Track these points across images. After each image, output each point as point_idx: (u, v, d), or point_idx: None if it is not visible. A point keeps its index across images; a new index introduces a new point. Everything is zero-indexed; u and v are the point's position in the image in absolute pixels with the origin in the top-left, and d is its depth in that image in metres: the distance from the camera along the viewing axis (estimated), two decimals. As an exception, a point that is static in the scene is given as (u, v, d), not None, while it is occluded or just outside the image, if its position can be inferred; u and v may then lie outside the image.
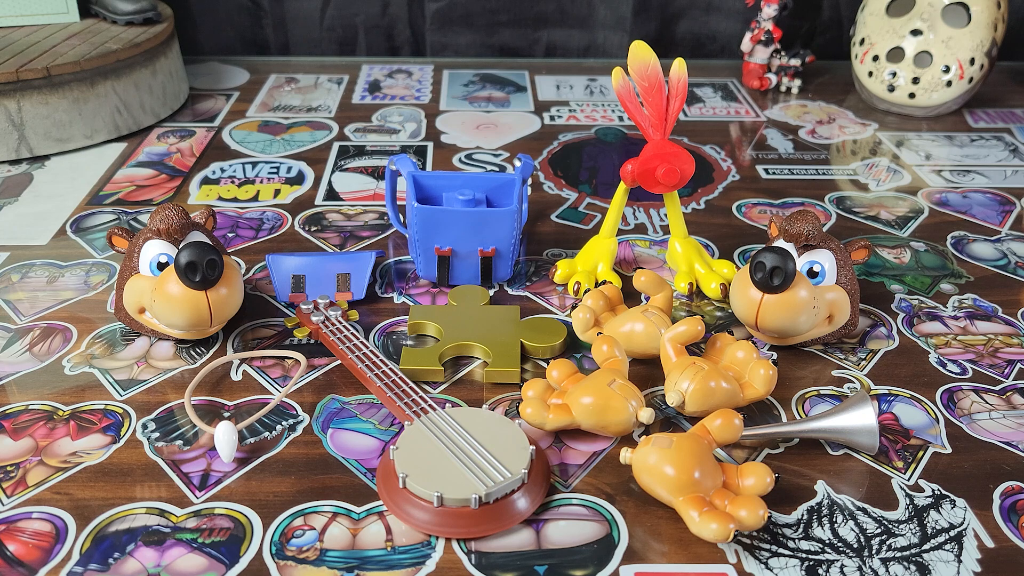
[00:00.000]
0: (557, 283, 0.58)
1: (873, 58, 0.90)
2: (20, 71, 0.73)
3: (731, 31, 1.07)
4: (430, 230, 0.54)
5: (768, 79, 0.96)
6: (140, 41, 0.81)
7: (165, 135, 0.82)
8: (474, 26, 1.07)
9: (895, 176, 0.77)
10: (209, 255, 0.47)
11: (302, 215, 0.67)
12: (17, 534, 0.38)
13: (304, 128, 0.85)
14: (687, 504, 0.38)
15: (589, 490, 0.41)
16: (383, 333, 0.53)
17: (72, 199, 0.69)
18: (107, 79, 0.78)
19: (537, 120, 0.88)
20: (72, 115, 0.76)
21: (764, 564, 0.37)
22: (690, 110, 0.92)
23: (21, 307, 0.55)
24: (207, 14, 1.04)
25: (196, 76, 0.97)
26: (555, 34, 1.08)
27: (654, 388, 0.48)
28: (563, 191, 0.72)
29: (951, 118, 0.90)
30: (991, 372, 0.50)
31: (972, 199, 0.72)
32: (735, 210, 0.70)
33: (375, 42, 1.08)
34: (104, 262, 0.60)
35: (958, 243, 0.65)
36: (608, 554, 0.38)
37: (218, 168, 0.76)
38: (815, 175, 0.77)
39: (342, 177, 0.74)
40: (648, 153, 0.53)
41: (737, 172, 0.77)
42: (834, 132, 0.86)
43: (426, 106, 0.91)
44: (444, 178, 0.58)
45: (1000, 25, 0.88)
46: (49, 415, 0.45)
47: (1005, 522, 0.40)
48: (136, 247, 0.50)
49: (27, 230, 0.65)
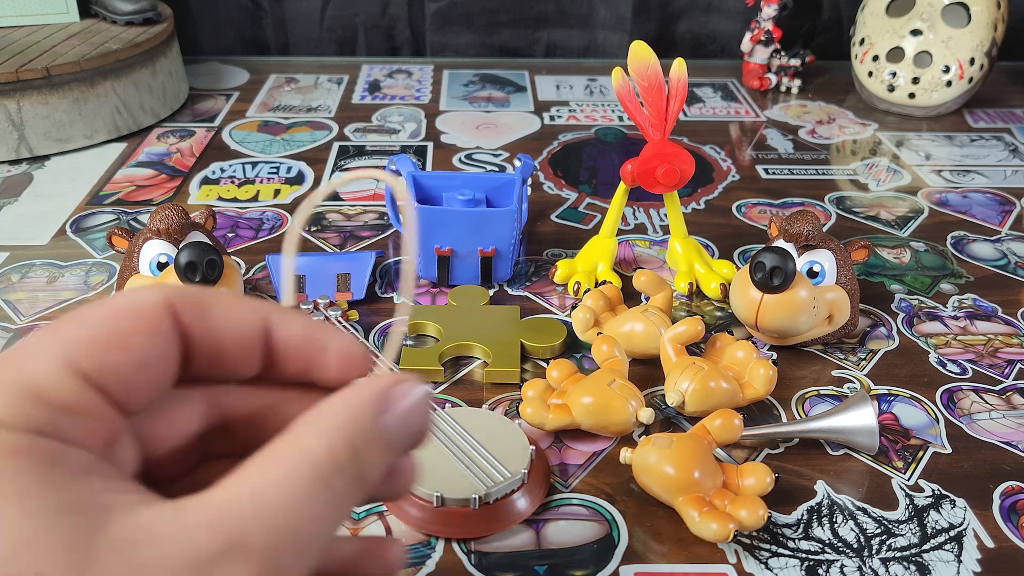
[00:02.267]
0: (557, 283, 0.58)
1: (873, 58, 0.90)
2: (20, 71, 0.72)
3: (731, 31, 1.07)
4: (430, 230, 0.54)
5: (768, 79, 0.96)
6: (140, 41, 0.81)
7: (165, 135, 0.82)
8: (474, 26, 1.07)
9: (895, 176, 0.77)
10: (209, 255, 0.46)
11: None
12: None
13: (304, 128, 0.85)
14: (687, 504, 0.38)
15: (589, 490, 0.41)
16: (383, 333, 0.53)
17: (72, 199, 0.69)
18: (107, 79, 0.78)
19: (537, 120, 0.88)
20: (72, 115, 0.76)
21: (764, 564, 0.37)
22: (690, 110, 0.92)
23: (21, 307, 0.55)
24: (207, 14, 1.04)
25: (196, 76, 0.97)
26: (555, 34, 1.08)
27: (654, 388, 0.48)
28: (563, 191, 0.72)
29: (951, 118, 0.90)
30: (991, 372, 0.50)
31: (972, 199, 0.73)
32: (735, 210, 0.70)
33: (375, 42, 1.08)
34: (104, 262, 0.60)
35: (958, 243, 0.65)
36: (608, 554, 0.38)
37: (218, 168, 0.76)
38: (815, 175, 0.77)
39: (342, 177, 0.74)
40: (648, 153, 0.53)
41: (737, 172, 0.77)
42: (834, 132, 0.86)
43: (426, 106, 0.91)
44: (444, 178, 0.58)
45: (1000, 25, 0.88)
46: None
47: (1005, 522, 0.40)
48: (136, 247, 0.50)
49: (27, 230, 0.65)
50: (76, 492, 0.17)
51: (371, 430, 0.22)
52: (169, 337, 0.21)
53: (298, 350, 0.24)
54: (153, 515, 0.18)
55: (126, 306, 0.21)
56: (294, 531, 0.19)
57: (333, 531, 0.21)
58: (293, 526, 0.19)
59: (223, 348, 0.23)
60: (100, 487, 0.18)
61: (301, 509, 0.19)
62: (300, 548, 0.19)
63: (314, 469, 0.20)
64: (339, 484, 0.20)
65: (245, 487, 0.19)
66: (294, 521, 0.19)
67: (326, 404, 0.22)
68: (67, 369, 0.19)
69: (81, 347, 0.20)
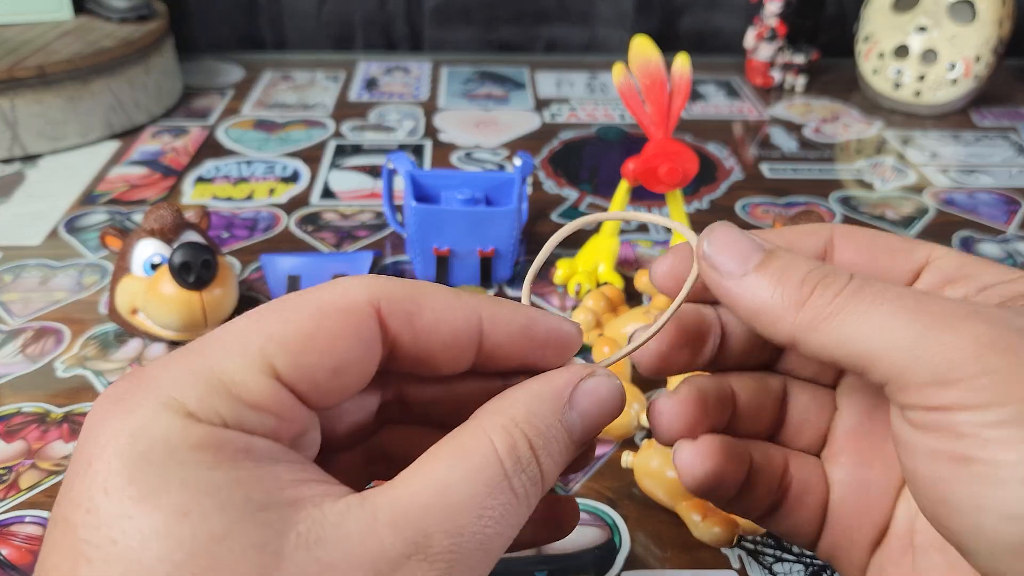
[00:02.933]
0: (557, 284, 0.57)
1: (878, 55, 0.89)
2: (13, 69, 0.72)
3: (734, 27, 1.06)
4: (428, 230, 0.53)
5: (772, 76, 0.95)
6: (134, 38, 0.80)
7: (159, 133, 0.81)
8: (473, 22, 1.06)
9: (900, 175, 0.76)
10: (203, 255, 0.46)
11: (297, 214, 0.67)
12: (10, 538, 0.37)
13: (300, 126, 0.84)
14: (690, 508, 0.37)
15: (590, 495, 0.40)
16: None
17: (65, 198, 0.69)
18: (101, 77, 0.77)
19: (537, 118, 0.87)
20: (66, 113, 0.75)
21: (768, 569, 0.36)
22: (693, 107, 0.91)
23: (14, 308, 0.54)
24: (202, 11, 1.03)
25: (190, 73, 0.96)
26: (555, 30, 1.07)
27: (656, 390, 0.47)
28: (563, 190, 0.71)
29: (957, 116, 0.89)
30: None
31: (978, 198, 0.72)
32: (739, 209, 0.69)
33: (372, 38, 1.07)
34: (98, 262, 0.59)
35: (964, 243, 0.64)
36: (609, 560, 0.37)
37: (212, 167, 0.75)
38: (819, 174, 0.76)
39: (338, 175, 0.73)
40: (650, 151, 0.52)
41: (741, 171, 0.76)
42: (838, 130, 0.86)
43: (424, 103, 0.90)
44: (442, 177, 0.57)
45: (1007, 22, 0.87)
46: (42, 417, 0.45)
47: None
48: (129, 247, 0.49)
49: (20, 230, 0.64)
50: (265, 486, 0.17)
51: (553, 426, 0.21)
52: (371, 344, 0.20)
53: (514, 348, 0.22)
54: (340, 511, 0.18)
55: (332, 305, 0.20)
56: (476, 534, 0.19)
57: (513, 533, 0.20)
58: (476, 528, 0.19)
59: (431, 353, 0.22)
60: (288, 479, 0.18)
61: (482, 511, 0.19)
62: (482, 551, 0.19)
63: (495, 468, 0.19)
64: (520, 484, 0.20)
65: (430, 484, 0.19)
66: (477, 523, 0.19)
67: (511, 394, 0.21)
68: (261, 367, 0.19)
69: (279, 345, 0.19)
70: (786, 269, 0.21)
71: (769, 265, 0.22)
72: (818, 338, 0.20)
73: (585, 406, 0.22)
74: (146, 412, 0.17)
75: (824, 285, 0.21)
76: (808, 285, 0.21)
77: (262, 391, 0.18)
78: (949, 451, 0.18)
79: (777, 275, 0.21)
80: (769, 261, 0.22)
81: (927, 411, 0.18)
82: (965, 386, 0.17)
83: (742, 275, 0.22)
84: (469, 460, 0.19)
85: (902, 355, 0.18)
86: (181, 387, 0.18)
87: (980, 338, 0.17)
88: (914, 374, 0.18)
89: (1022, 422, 0.16)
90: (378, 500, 0.18)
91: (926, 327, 0.18)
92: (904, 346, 0.18)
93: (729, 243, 0.22)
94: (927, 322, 0.18)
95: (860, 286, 0.20)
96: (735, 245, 0.22)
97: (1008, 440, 0.16)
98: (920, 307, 0.18)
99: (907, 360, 0.18)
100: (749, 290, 0.22)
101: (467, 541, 0.18)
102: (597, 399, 0.22)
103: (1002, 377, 0.17)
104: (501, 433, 0.20)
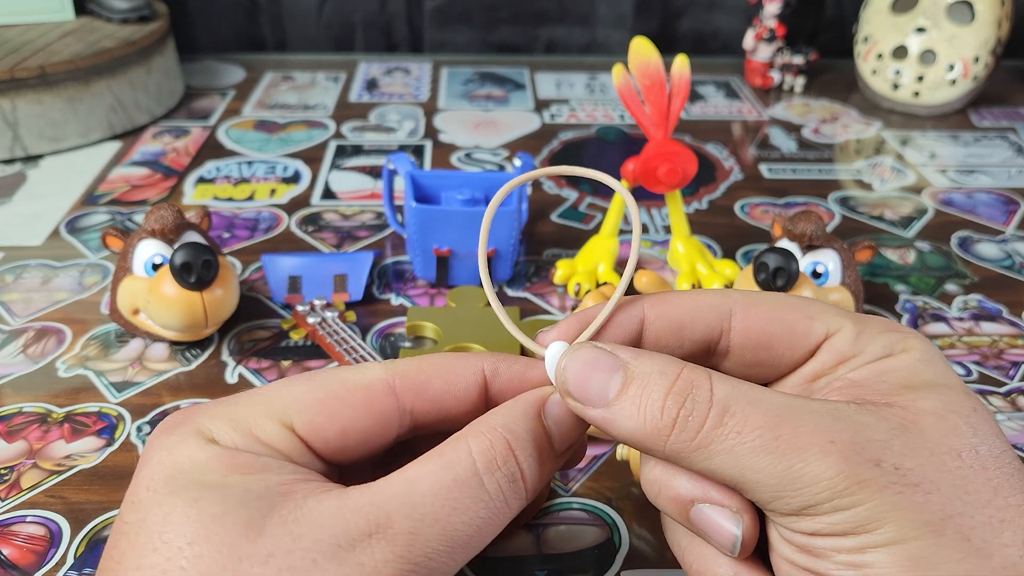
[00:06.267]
0: (557, 284, 0.57)
1: (877, 56, 0.89)
2: (14, 69, 0.72)
3: (733, 28, 1.06)
4: (428, 230, 0.53)
5: (771, 77, 0.95)
6: (135, 39, 0.80)
7: (160, 134, 0.81)
8: (473, 23, 1.07)
9: (899, 175, 0.76)
10: (204, 256, 0.46)
11: (298, 215, 0.67)
12: (11, 538, 0.37)
13: (301, 126, 0.84)
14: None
15: (590, 494, 0.40)
16: (381, 335, 0.52)
17: (66, 199, 0.69)
18: (102, 77, 0.77)
19: (537, 118, 0.87)
20: (67, 114, 0.76)
21: (768, 571, 0.37)
22: (692, 108, 0.91)
23: (15, 308, 0.54)
24: (203, 11, 1.04)
25: (192, 74, 0.96)
26: (555, 31, 1.07)
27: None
28: (563, 190, 0.72)
29: (955, 117, 0.89)
30: (996, 374, 0.50)
31: (977, 199, 0.72)
32: (738, 210, 0.69)
33: (373, 39, 1.07)
34: (99, 263, 0.60)
35: (963, 243, 0.64)
36: (609, 559, 0.37)
37: (213, 167, 0.75)
38: (818, 174, 0.76)
39: (339, 176, 0.74)
40: (650, 152, 0.52)
41: (740, 171, 0.76)
42: (837, 131, 0.86)
43: (424, 104, 0.90)
44: (442, 177, 0.57)
45: (1005, 23, 0.87)
46: (43, 417, 0.45)
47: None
48: (130, 248, 0.49)
49: (21, 230, 0.64)
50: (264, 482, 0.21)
51: (532, 430, 0.24)
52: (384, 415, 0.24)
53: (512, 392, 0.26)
54: (322, 499, 0.21)
55: (351, 380, 0.24)
56: (439, 520, 0.21)
57: (488, 530, 0.22)
58: (437, 515, 0.21)
59: (445, 412, 0.25)
60: (288, 478, 0.22)
61: (446, 500, 0.21)
62: (446, 538, 0.21)
63: (466, 465, 0.22)
64: (492, 483, 0.22)
65: (402, 479, 0.22)
66: (439, 511, 0.21)
67: (493, 409, 0.24)
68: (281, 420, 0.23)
69: (300, 406, 0.24)
70: (644, 393, 0.22)
71: (628, 390, 0.23)
72: (691, 464, 0.22)
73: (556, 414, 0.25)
74: (181, 437, 0.23)
75: (685, 415, 0.22)
76: (669, 415, 0.22)
77: (276, 436, 0.23)
78: (811, 567, 0.21)
79: (636, 402, 0.22)
80: (628, 386, 0.23)
81: (793, 532, 0.21)
82: (823, 520, 0.20)
83: (605, 407, 0.23)
84: (441, 459, 0.22)
85: (769, 491, 0.21)
86: (211, 422, 0.23)
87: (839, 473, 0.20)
88: (780, 505, 0.21)
89: (868, 550, 0.20)
90: (354, 492, 0.21)
91: (787, 467, 0.20)
92: (770, 484, 0.21)
93: (587, 371, 0.23)
94: (787, 462, 0.20)
95: (720, 417, 0.21)
96: (593, 373, 0.23)
97: (858, 564, 0.20)
98: (779, 442, 0.21)
99: (774, 493, 0.21)
100: (615, 420, 0.23)
101: (427, 526, 0.21)
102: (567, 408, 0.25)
103: (854, 512, 0.20)
104: (479, 437, 0.23)
